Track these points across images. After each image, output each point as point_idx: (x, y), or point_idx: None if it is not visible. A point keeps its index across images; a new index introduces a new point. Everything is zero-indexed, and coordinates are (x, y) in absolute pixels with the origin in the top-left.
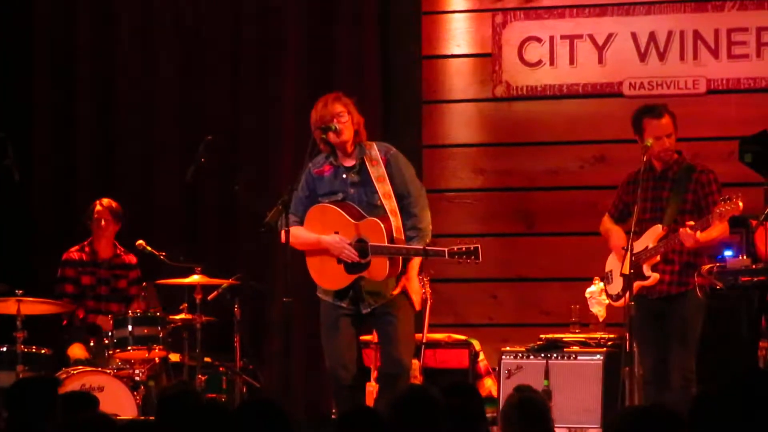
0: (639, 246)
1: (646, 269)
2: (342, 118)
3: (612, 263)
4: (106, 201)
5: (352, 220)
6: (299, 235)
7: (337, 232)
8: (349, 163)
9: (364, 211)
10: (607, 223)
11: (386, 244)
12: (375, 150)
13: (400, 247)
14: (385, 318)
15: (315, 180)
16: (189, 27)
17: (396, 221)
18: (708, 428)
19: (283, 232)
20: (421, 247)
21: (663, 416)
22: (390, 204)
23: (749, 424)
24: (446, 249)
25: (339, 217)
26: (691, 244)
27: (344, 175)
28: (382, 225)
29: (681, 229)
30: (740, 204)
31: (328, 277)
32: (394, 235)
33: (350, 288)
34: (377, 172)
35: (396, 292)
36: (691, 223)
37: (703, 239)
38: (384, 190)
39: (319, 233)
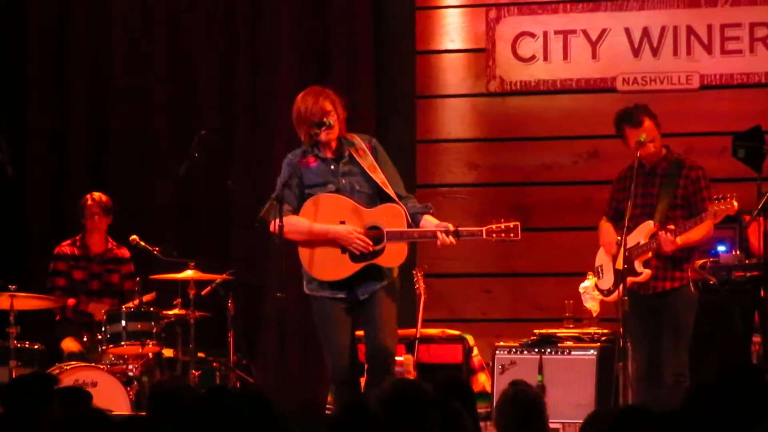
0: (631, 241)
1: (638, 265)
2: (331, 116)
3: (602, 258)
4: (96, 195)
5: (362, 208)
6: (296, 224)
7: (343, 222)
8: (330, 155)
9: (358, 200)
10: (602, 224)
11: (406, 228)
12: (358, 140)
13: (424, 230)
14: (374, 303)
15: (302, 170)
16: (182, 22)
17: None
18: (700, 422)
19: (274, 223)
20: (453, 228)
21: (636, 417)
22: (390, 191)
23: (741, 418)
24: (484, 228)
25: (347, 206)
26: (670, 249)
27: (332, 167)
28: (402, 211)
29: (660, 233)
30: (735, 203)
31: (329, 268)
32: (410, 222)
33: (357, 277)
34: (367, 162)
35: (393, 277)
36: (672, 227)
37: (682, 242)
38: (380, 178)
39: (324, 223)
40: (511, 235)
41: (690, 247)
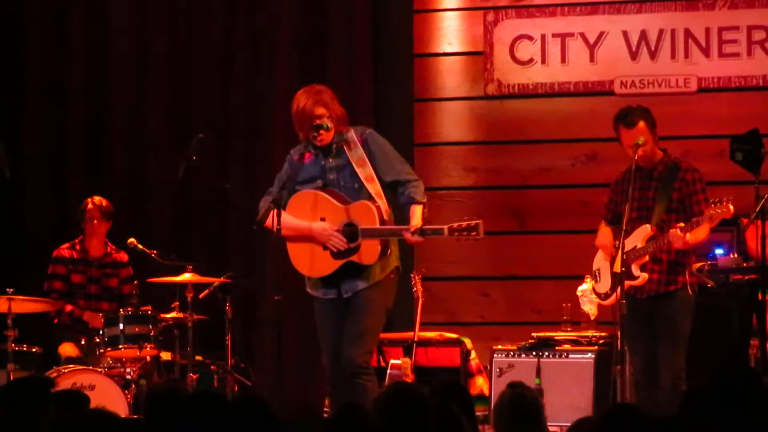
0: (627, 245)
1: (635, 269)
2: (324, 121)
3: (599, 261)
4: (97, 199)
5: (341, 205)
6: (283, 220)
7: (323, 219)
8: (322, 151)
9: (346, 195)
10: (601, 227)
11: (378, 226)
12: (351, 133)
13: (394, 228)
14: (354, 307)
15: (296, 166)
16: (181, 23)
17: (383, 204)
18: (697, 425)
19: (272, 215)
20: (420, 224)
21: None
22: (374, 187)
23: (738, 421)
24: (446, 226)
25: (326, 202)
26: (680, 246)
27: (322, 162)
28: (374, 207)
29: (671, 231)
30: (731, 207)
31: (313, 265)
32: (384, 217)
33: (340, 276)
34: (356, 155)
35: (380, 277)
36: (681, 224)
37: (691, 241)
38: (366, 173)
39: (303, 220)
40: (473, 233)
41: (686, 251)
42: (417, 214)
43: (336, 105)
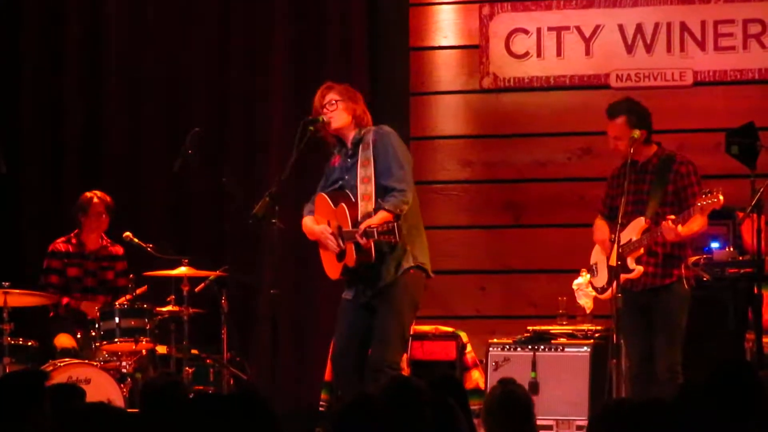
0: (623, 239)
1: (630, 262)
2: (331, 107)
3: (597, 256)
4: (100, 194)
5: (334, 207)
6: (305, 224)
7: (329, 222)
8: (346, 151)
9: (353, 195)
10: (597, 221)
11: (350, 228)
12: (370, 134)
13: (352, 230)
14: (377, 311)
15: (328, 171)
16: (177, 20)
17: (365, 206)
18: (693, 418)
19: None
20: (365, 227)
21: (651, 409)
22: (364, 188)
23: (733, 414)
24: (376, 229)
25: (327, 205)
26: (672, 238)
27: (342, 164)
28: (347, 210)
29: (663, 223)
30: (721, 197)
31: (330, 266)
32: (359, 220)
33: (353, 277)
34: (365, 156)
35: (392, 279)
36: (672, 217)
37: (684, 233)
38: (364, 174)
39: (319, 223)
40: (392, 237)
41: (682, 244)
42: (375, 217)
43: (352, 98)
